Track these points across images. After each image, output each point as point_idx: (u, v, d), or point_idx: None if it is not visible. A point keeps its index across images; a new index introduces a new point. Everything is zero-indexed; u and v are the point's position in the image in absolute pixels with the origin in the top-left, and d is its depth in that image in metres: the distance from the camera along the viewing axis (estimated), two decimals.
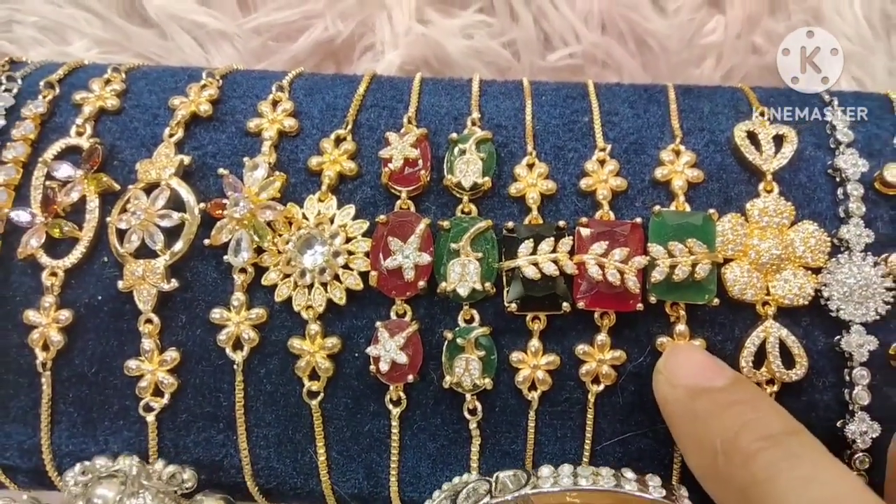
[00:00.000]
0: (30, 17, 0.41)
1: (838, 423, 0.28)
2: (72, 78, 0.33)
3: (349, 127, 0.30)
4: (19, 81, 0.33)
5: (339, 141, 0.30)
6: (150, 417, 0.29)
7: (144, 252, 0.29)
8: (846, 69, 0.36)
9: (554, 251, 0.28)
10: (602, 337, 0.28)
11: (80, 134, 0.31)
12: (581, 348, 0.28)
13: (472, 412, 0.28)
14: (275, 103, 0.31)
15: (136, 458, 0.29)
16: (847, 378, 0.28)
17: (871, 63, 0.36)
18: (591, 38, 0.37)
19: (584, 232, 0.27)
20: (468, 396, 0.28)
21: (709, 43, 0.37)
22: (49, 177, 0.31)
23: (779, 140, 0.29)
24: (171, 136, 0.31)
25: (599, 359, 0.27)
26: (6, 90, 0.33)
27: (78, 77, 0.33)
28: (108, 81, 0.33)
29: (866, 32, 0.36)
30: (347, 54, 0.37)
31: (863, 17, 0.36)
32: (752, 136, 0.29)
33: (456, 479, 0.29)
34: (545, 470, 0.27)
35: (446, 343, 0.28)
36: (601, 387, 0.28)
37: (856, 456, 0.27)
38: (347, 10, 0.36)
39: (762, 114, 0.30)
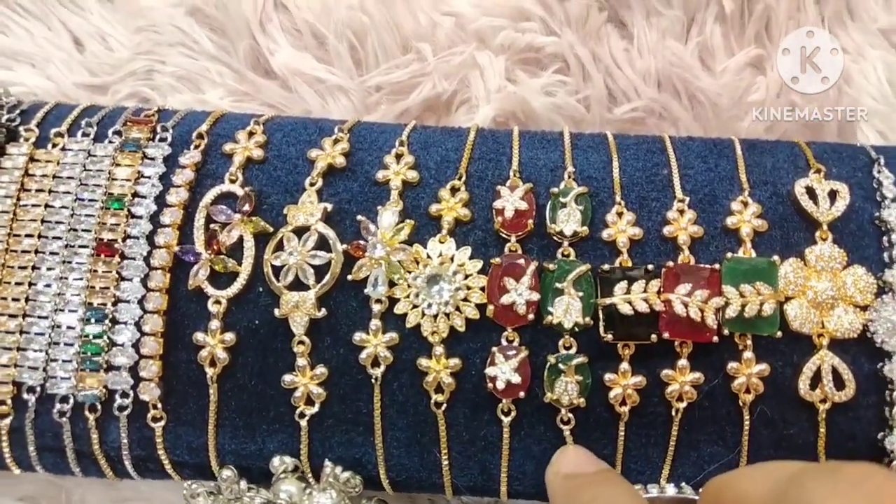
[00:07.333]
0: (169, 67, 0.41)
1: (879, 436, 0.29)
2: (216, 128, 0.34)
3: (463, 178, 0.31)
4: (171, 131, 0.33)
5: (454, 191, 0.31)
6: (303, 423, 0.30)
7: (296, 285, 0.29)
8: (871, 124, 0.36)
9: (645, 291, 0.28)
10: (683, 362, 0.28)
11: (232, 181, 0.32)
12: (665, 373, 0.28)
13: (566, 423, 0.30)
14: (398, 157, 0.32)
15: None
16: (888, 398, 0.29)
17: (893, 119, 0.36)
18: (650, 94, 0.38)
19: (672, 274, 0.28)
20: (562, 410, 0.29)
21: (753, 100, 0.37)
22: (209, 219, 0.31)
23: (833, 195, 0.30)
24: (312, 184, 0.31)
25: (682, 381, 0.28)
26: (161, 139, 0.33)
27: (221, 127, 0.34)
28: (251, 133, 0.33)
29: (888, 92, 0.37)
30: (446, 107, 0.37)
31: (885, 80, 0.37)
32: (810, 191, 0.30)
33: None
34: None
35: (549, 365, 0.29)
36: (684, 403, 0.28)
37: (893, 463, 0.28)
38: (450, 70, 0.36)
39: (818, 171, 0.30)
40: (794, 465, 0.22)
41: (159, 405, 0.30)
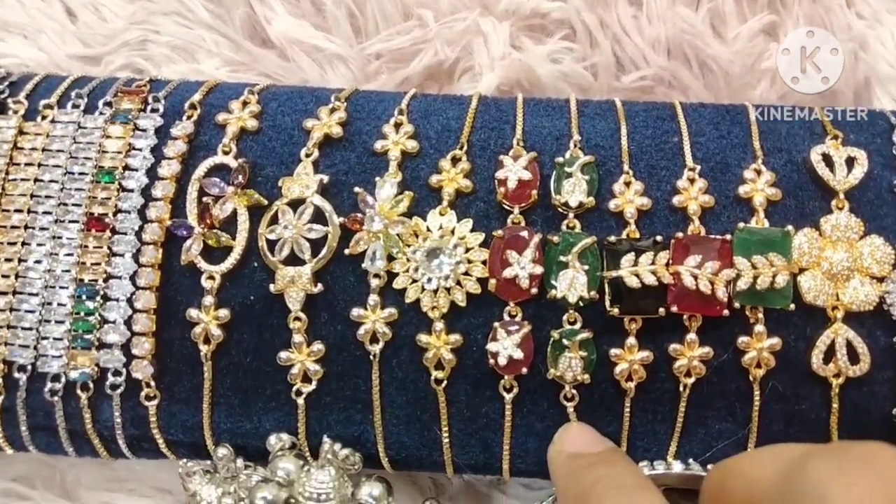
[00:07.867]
0: (163, 37, 0.39)
1: (893, 411, 0.28)
2: (210, 98, 0.33)
3: (464, 148, 0.29)
4: (163, 102, 0.32)
5: (455, 160, 0.30)
6: (300, 400, 0.29)
7: (292, 259, 0.28)
8: (887, 91, 0.34)
9: (653, 263, 0.26)
10: (692, 336, 0.27)
11: (226, 153, 0.31)
12: (673, 347, 0.27)
13: (569, 399, 0.29)
14: (397, 126, 0.30)
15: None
16: None
17: None
18: (659, 62, 0.36)
19: (681, 245, 0.26)
20: (566, 386, 0.27)
21: (765, 68, 0.35)
22: (202, 192, 0.29)
23: (850, 162, 0.28)
24: (307, 155, 0.30)
25: (690, 355, 0.27)
26: (153, 110, 0.32)
27: (215, 97, 0.33)
28: (245, 103, 0.32)
29: None
30: (449, 75, 0.36)
31: None
32: (827, 158, 0.28)
33: None
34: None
35: (552, 341, 0.28)
36: (692, 379, 0.27)
37: None
38: (453, 37, 0.34)
39: (835, 137, 0.28)
40: (802, 446, 0.22)
41: (152, 383, 0.29)
